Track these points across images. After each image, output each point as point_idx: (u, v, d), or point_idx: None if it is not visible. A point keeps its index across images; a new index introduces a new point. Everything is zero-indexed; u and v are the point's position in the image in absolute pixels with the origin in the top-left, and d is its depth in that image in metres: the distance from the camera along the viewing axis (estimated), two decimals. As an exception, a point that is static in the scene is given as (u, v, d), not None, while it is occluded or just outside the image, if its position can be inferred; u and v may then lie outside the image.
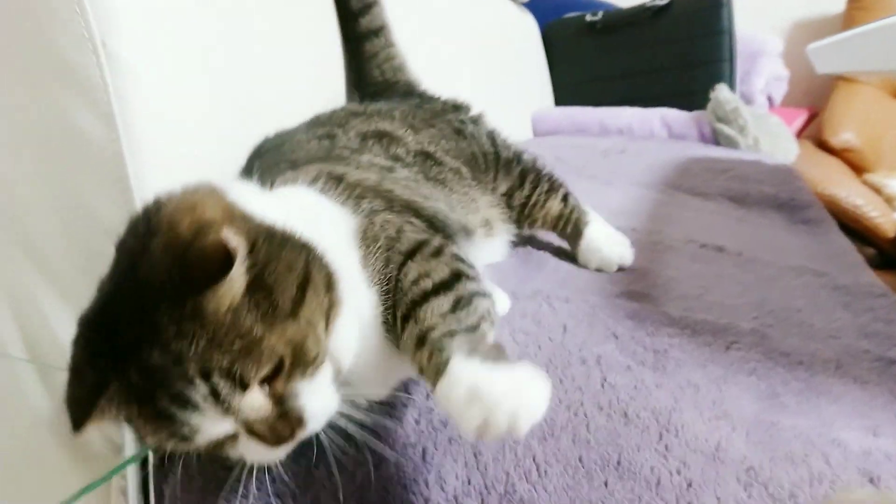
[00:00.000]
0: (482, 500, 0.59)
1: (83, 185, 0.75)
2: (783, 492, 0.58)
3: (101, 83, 0.72)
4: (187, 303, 0.48)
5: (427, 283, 0.60)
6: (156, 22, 0.81)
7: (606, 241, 1.04)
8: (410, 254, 0.64)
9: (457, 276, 0.62)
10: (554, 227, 1.07)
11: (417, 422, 0.65)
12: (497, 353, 0.52)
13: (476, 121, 1.16)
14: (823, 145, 2.70)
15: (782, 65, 2.69)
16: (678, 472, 0.60)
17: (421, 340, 0.55)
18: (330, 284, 0.57)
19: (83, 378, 0.52)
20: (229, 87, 0.95)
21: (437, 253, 0.65)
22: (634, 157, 1.87)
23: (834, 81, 2.88)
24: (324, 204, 0.67)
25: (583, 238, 1.04)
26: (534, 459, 0.61)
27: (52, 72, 0.73)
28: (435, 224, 0.73)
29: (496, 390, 0.47)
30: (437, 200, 0.80)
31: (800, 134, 2.77)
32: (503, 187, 1.05)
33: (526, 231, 1.10)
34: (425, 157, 0.93)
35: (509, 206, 1.04)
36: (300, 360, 0.53)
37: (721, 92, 2.17)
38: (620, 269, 1.03)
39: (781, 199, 1.56)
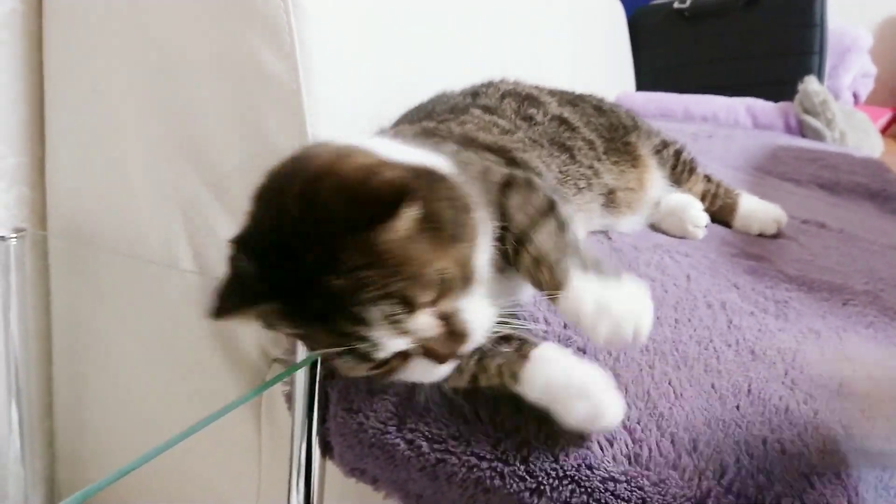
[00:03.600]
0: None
1: (261, 115, 0.82)
2: (908, 425, 0.63)
3: (286, 27, 0.80)
4: (363, 236, 0.52)
5: (531, 210, 0.65)
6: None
7: (762, 206, 1.15)
8: (506, 185, 0.68)
9: (553, 203, 0.67)
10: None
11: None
12: (601, 266, 0.61)
13: (613, 104, 1.22)
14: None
15: (870, 61, 2.67)
16: (805, 403, 0.65)
17: (538, 261, 0.62)
18: (469, 206, 0.61)
19: (244, 285, 0.57)
20: (402, 41, 1.03)
21: (529, 183, 0.69)
22: (723, 142, 1.90)
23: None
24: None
25: (740, 207, 1.15)
26: (670, 383, 0.67)
27: (240, 11, 0.81)
28: (518, 164, 0.77)
29: (621, 308, 0.56)
30: (534, 159, 0.84)
31: (883, 132, 2.75)
32: (647, 147, 1.12)
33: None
34: (560, 121, 0.98)
35: (662, 158, 1.14)
36: (461, 280, 0.58)
37: (810, 84, 2.17)
38: (777, 230, 1.12)
39: (873, 189, 1.58)
